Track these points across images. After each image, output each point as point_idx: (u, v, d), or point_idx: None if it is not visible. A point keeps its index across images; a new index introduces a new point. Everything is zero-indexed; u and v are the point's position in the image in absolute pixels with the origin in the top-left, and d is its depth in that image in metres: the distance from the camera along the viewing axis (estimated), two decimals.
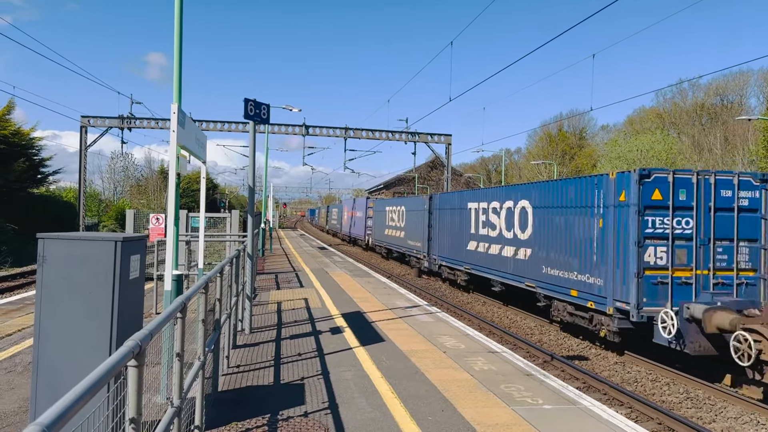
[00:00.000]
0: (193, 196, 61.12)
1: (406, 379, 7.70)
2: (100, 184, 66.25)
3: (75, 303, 4.68)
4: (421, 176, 76.11)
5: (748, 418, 9.03)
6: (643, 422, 8.62)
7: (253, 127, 11.17)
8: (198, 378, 4.82)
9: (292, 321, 11.70)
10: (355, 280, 19.24)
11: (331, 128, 40.57)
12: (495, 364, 8.62)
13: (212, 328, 6.11)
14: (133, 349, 2.49)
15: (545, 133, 72.85)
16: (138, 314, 5.34)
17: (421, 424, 6.03)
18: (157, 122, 39.18)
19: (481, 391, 7.20)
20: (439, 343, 9.93)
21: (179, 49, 6.89)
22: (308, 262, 25.79)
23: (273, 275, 20.35)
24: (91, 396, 1.91)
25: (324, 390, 7.12)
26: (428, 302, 15.93)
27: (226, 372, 7.84)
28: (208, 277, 5.43)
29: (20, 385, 7.34)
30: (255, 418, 6.10)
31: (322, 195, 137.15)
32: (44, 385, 4.63)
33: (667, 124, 59.61)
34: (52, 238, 4.79)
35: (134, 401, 2.60)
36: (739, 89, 54.56)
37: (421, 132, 41.74)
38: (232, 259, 8.17)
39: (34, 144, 39.31)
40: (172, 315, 3.61)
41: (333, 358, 8.73)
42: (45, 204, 40.74)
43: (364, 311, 12.96)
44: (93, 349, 4.59)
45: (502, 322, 16.96)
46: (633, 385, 10.80)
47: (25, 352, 8.95)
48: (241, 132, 39.53)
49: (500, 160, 71.35)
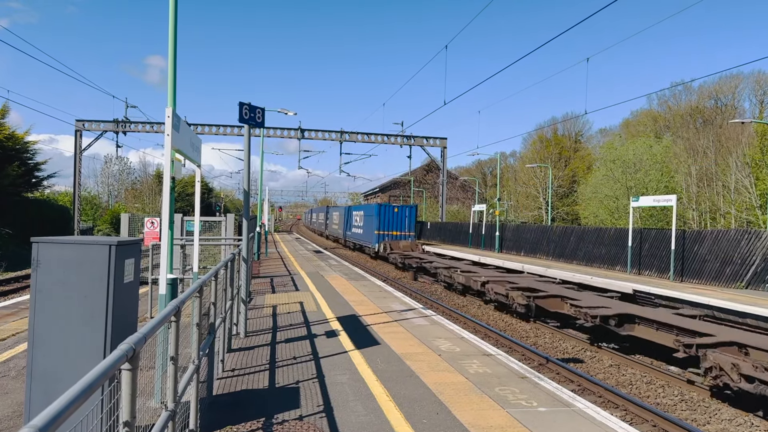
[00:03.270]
0: (188, 199, 61.00)
1: (401, 382, 7.70)
2: (95, 188, 66.12)
3: (69, 307, 4.67)
4: (416, 179, 76.22)
5: (742, 420, 9.07)
6: (637, 424, 8.65)
7: (248, 131, 11.18)
8: (192, 382, 4.83)
9: (288, 324, 11.69)
10: (351, 283, 19.24)
11: (326, 132, 40.60)
12: (490, 366, 8.63)
13: (207, 332, 6.11)
14: (127, 352, 2.50)
15: (540, 136, 73.06)
16: (132, 318, 5.34)
17: (416, 427, 6.04)
18: (152, 126, 39.14)
19: (476, 394, 7.21)
20: (435, 346, 9.94)
21: (173, 53, 6.90)
22: (304, 266, 25.77)
23: (268, 279, 20.32)
24: (85, 399, 1.92)
25: (319, 393, 7.12)
26: (423, 305, 15.95)
27: (221, 376, 7.83)
28: (202, 280, 5.43)
29: (14, 389, 7.31)
30: (250, 422, 6.10)
31: (318, 198, 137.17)
32: (38, 390, 4.62)
33: (661, 127, 59.87)
34: (47, 242, 4.79)
35: (128, 405, 2.61)
36: (731, 92, 54.88)
37: (416, 135, 41.85)
38: (227, 262, 8.17)
39: (28, 148, 39.20)
40: (166, 318, 3.61)
41: (328, 361, 8.73)
42: (40, 208, 40.60)
43: (360, 314, 12.96)
44: (87, 353, 4.59)
45: (497, 325, 16.99)
46: (628, 388, 10.84)
47: (19, 356, 8.92)
48: (237, 135, 39.57)
49: (496, 163, 71.50)
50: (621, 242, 27.28)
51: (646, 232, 26.39)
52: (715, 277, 21.43)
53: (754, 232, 20.56)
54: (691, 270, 22.77)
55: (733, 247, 20.87)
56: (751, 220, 41.79)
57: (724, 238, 21.57)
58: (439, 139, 42.10)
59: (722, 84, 54.71)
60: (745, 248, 20.41)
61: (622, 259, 26.76)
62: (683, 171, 48.33)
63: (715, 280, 21.43)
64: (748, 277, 20.05)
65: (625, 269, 26.09)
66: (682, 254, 23.17)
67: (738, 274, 20.45)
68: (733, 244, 20.93)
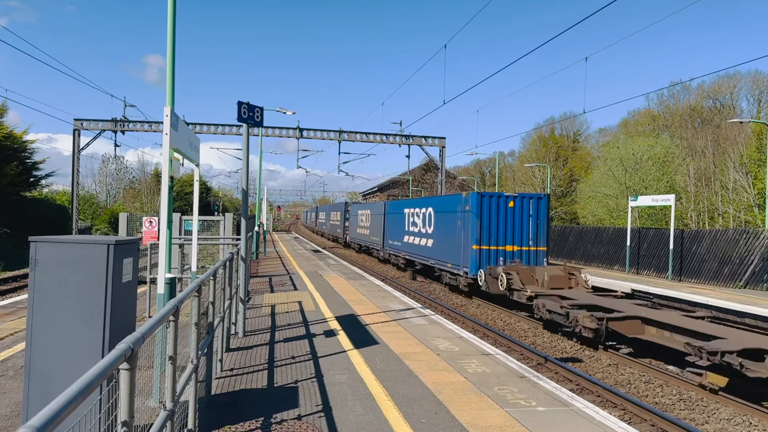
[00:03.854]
0: (187, 199, 60.95)
1: (400, 381, 7.70)
2: (94, 187, 66.04)
3: (67, 306, 4.66)
4: (415, 179, 76.17)
5: (741, 420, 9.08)
6: (636, 424, 8.66)
7: (247, 130, 11.16)
8: (191, 381, 4.82)
9: (286, 324, 11.68)
10: (350, 282, 19.23)
11: (325, 131, 40.58)
12: (489, 366, 8.63)
13: (205, 332, 6.10)
14: (125, 352, 2.49)
15: (538, 135, 73.06)
16: (131, 318, 5.33)
17: (414, 426, 6.03)
18: (150, 125, 39.09)
19: (474, 394, 7.21)
20: (433, 345, 9.94)
21: (172, 52, 6.89)
22: (302, 265, 25.75)
23: (267, 278, 20.31)
24: (83, 399, 1.91)
25: (318, 393, 7.11)
26: (422, 305, 15.94)
27: (220, 375, 7.82)
28: (201, 280, 5.42)
29: (12, 389, 7.30)
30: (248, 421, 6.09)
31: (317, 198, 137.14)
32: (36, 389, 4.61)
33: (660, 127, 59.90)
34: (45, 242, 4.77)
35: (126, 404, 2.60)
36: (729, 92, 54.93)
37: (415, 135, 41.82)
38: (225, 262, 8.16)
39: (26, 147, 39.16)
40: (164, 318, 3.61)
41: (327, 361, 8.72)
42: (38, 207, 40.56)
43: (358, 314, 12.95)
44: (85, 352, 4.58)
45: (496, 324, 16.99)
46: (626, 387, 10.84)
47: (17, 356, 8.90)
48: (235, 135, 39.52)
49: (494, 162, 71.52)
50: (619, 242, 27.28)
51: (645, 232, 26.39)
52: (714, 277, 21.45)
53: (752, 232, 20.57)
54: (690, 269, 22.79)
55: (731, 247, 20.89)
56: (749, 219, 41.85)
57: (722, 238, 21.59)
58: (437, 139, 42.10)
59: (720, 84, 54.78)
60: (743, 248, 20.43)
61: (621, 258, 26.77)
62: (682, 171, 48.37)
63: (713, 279, 21.45)
64: (747, 277, 20.07)
65: (623, 269, 26.10)
66: (681, 254, 23.18)
67: (736, 274, 20.47)
68: (732, 243, 20.95)
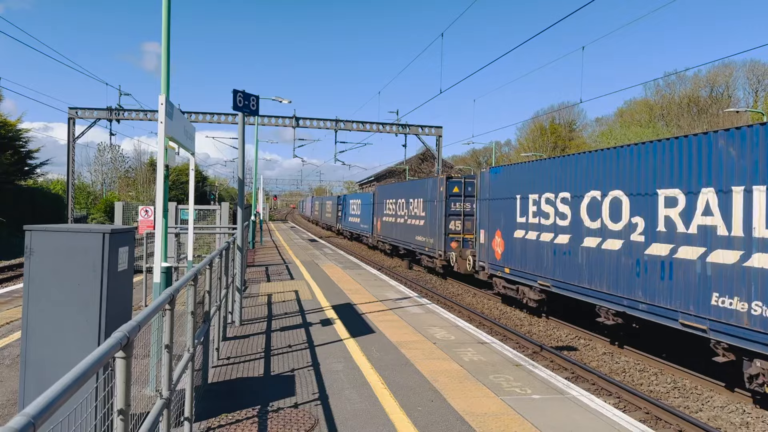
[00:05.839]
0: (183, 188, 60.84)
1: (396, 370, 7.73)
2: (89, 176, 65.79)
3: (63, 295, 4.65)
4: (411, 168, 76.08)
5: (734, 407, 9.15)
6: (630, 412, 8.72)
7: (242, 119, 11.10)
8: (187, 370, 4.82)
9: (283, 313, 11.70)
10: (346, 272, 19.25)
11: (321, 120, 40.42)
12: (484, 354, 8.67)
13: (202, 321, 6.10)
14: (121, 340, 2.49)
15: (536, 125, 73.01)
16: (127, 306, 5.32)
17: (410, 414, 6.06)
18: (146, 114, 38.86)
19: (470, 382, 7.25)
20: (429, 334, 9.97)
21: (167, 40, 6.83)
22: (298, 255, 25.75)
23: (263, 267, 20.31)
24: (78, 387, 1.90)
25: (314, 381, 7.14)
26: (419, 294, 15.98)
27: (216, 364, 7.84)
28: (197, 269, 5.41)
29: (8, 378, 7.30)
30: (245, 410, 6.11)
31: (313, 187, 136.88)
32: (32, 378, 4.60)
33: (657, 116, 59.90)
34: (40, 231, 4.75)
35: (122, 393, 2.60)
36: (725, 81, 54.92)
37: (411, 124, 41.67)
38: (221, 251, 8.14)
39: (21, 135, 38.92)
40: (160, 307, 3.60)
41: (323, 349, 8.75)
42: (33, 196, 40.39)
43: (355, 303, 12.98)
44: (81, 341, 4.58)
45: (492, 313, 17.05)
46: (621, 375, 10.92)
47: (13, 345, 8.90)
48: (231, 123, 39.33)
49: (491, 152, 71.46)
50: None
51: None
52: None
53: None
54: None
55: None
56: None
57: None
58: (434, 128, 41.98)
59: (716, 73, 54.74)
60: None
61: None
62: None
63: None
64: None
65: None
66: None
67: None
68: None
